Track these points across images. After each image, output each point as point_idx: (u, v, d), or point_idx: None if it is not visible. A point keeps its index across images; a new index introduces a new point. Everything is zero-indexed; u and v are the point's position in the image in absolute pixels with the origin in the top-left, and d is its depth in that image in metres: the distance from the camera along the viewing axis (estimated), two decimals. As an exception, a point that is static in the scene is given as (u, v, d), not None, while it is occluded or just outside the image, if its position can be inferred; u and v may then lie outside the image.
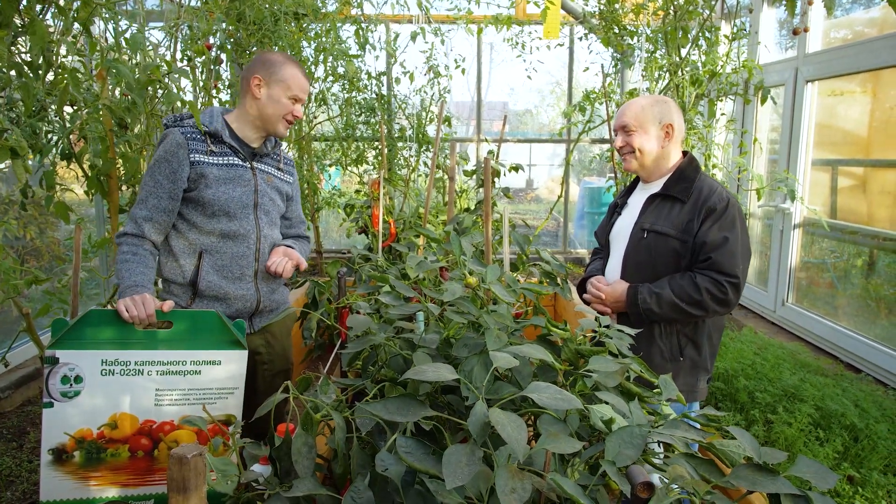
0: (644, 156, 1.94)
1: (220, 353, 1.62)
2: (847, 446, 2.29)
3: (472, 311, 1.55)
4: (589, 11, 4.87)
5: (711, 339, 1.94)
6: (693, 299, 1.80)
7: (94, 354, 1.53)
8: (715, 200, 1.84)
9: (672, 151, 1.96)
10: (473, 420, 1.02)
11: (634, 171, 2.00)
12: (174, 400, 1.58)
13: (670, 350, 1.90)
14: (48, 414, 1.49)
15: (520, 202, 12.63)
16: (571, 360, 1.54)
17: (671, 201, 1.91)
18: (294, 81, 1.85)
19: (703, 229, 1.83)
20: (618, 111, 2.02)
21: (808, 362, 2.96)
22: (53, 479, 1.50)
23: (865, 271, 3.65)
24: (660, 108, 1.93)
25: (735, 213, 1.84)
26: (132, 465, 1.55)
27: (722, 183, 3.75)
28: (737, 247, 1.81)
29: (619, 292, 1.94)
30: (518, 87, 6.78)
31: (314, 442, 1.28)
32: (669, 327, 1.89)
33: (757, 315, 4.37)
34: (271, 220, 1.96)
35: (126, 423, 1.54)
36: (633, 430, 1.14)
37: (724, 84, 3.58)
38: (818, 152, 4.01)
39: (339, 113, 5.18)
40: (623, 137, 1.96)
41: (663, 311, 1.82)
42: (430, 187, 3.52)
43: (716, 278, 1.79)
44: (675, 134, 1.94)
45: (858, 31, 4.03)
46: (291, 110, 1.87)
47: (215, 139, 1.85)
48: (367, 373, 1.65)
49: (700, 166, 1.99)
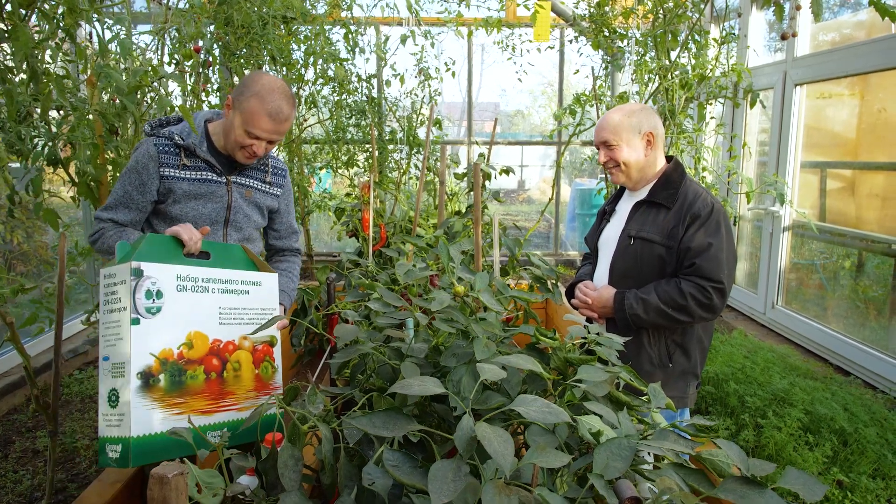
0: (629, 168, 1.93)
1: (260, 274, 1.63)
2: (836, 451, 2.29)
3: (460, 319, 1.54)
4: (579, 14, 4.87)
5: (702, 343, 1.93)
6: (679, 305, 1.79)
7: (170, 269, 1.46)
8: (699, 206, 1.84)
9: (656, 158, 1.95)
10: (460, 435, 1.01)
11: (622, 183, 2.00)
12: (233, 319, 1.57)
13: (659, 357, 1.89)
14: (136, 332, 1.39)
15: (512, 203, 12.64)
16: (561, 369, 1.53)
17: (657, 208, 1.92)
18: (251, 118, 1.68)
19: (687, 235, 1.84)
20: (596, 126, 2.00)
21: (797, 365, 2.97)
22: (143, 409, 1.38)
23: (854, 273, 3.67)
24: (637, 117, 1.92)
25: (720, 219, 1.84)
26: (208, 389, 1.50)
27: (711, 187, 3.76)
28: (721, 252, 1.81)
29: (605, 298, 1.93)
30: (510, 88, 6.80)
31: (301, 454, 1.27)
32: (658, 334, 1.89)
33: (747, 317, 4.39)
34: (244, 237, 1.90)
35: (200, 342, 1.50)
36: (621, 442, 1.13)
37: (713, 87, 3.59)
38: (807, 155, 4.03)
39: (328, 116, 5.16)
40: (605, 153, 1.95)
41: (650, 318, 1.82)
42: (421, 191, 3.52)
43: (701, 284, 1.79)
44: (657, 140, 1.93)
45: (847, 34, 4.05)
46: (248, 144, 1.72)
47: (189, 153, 1.78)
48: (357, 381, 1.64)
49: (685, 171, 1.98)
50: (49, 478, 2.17)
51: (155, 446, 1.38)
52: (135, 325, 1.39)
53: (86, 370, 3.42)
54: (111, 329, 1.43)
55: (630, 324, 1.86)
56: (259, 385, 1.61)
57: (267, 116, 1.68)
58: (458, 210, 5.39)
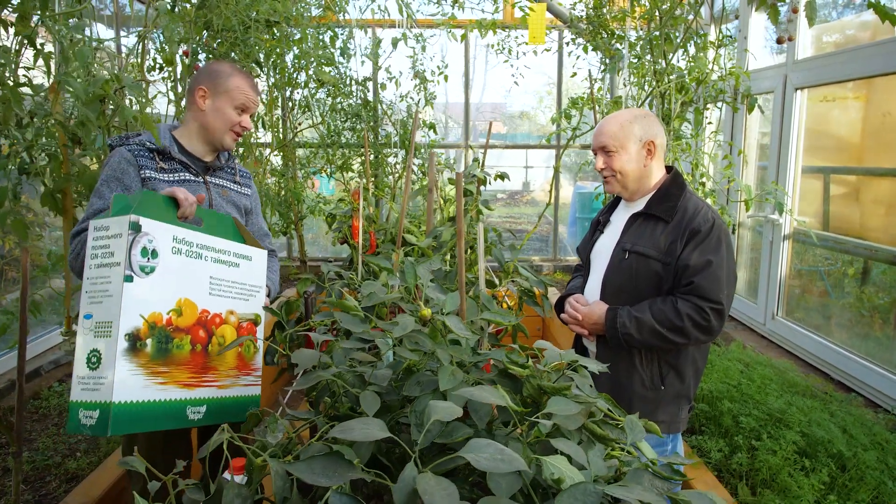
0: (626, 177, 1.83)
1: (251, 249, 1.57)
2: (834, 476, 2.19)
3: (426, 345, 1.45)
4: (576, 16, 4.77)
5: (696, 365, 1.84)
6: (674, 325, 1.70)
7: (168, 229, 1.38)
8: (699, 221, 1.74)
9: (655, 169, 1.86)
10: (400, 487, 0.93)
11: (617, 193, 1.91)
12: (222, 291, 1.50)
13: (651, 379, 1.80)
14: (128, 289, 1.30)
15: (515, 205, 12.54)
16: (535, 397, 1.44)
17: (654, 221, 1.82)
18: (239, 92, 1.77)
19: (685, 252, 1.74)
20: (595, 130, 1.89)
21: (796, 382, 2.86)
22: (128, 373, 1.30)
23: (857, 284, 3.55)
24: (639, 124, 1.82)
25: (720, 235, 1.75)
26: (192, 361, 1.42)
27: (710, 193, 3.65)
28: (721, 271, 1.71)
29: (597, 314, 1.83)
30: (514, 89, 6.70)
31: (249, 492, 1.18)
32: (650, 354, 1.80)
33: (747, 328, 4.27)
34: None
35: (189, 310, 1.42)
36: (586, 488, 1.04)
37: (711, 91, 3.48)
38: (809, 160, 3.91)
39: (321, 120, 5.08)
40: (603, 159, 1.86)
41: (643, 337, 1.72)
42: (406, 197, 3.42)
43: (699, 304, 1.69)
44: (658, 151, 1.84)
45: (850, 35, 3.93)
46: (238, 121, 1.80)
47: (164, 156, 1.77)
48: (328, 405, 1.56)
49: (685, 183, 1.88)
50: (13, 501, 2.10)
51: (135, 415, 1.28)
52: (128, 282, 1.30)
53: (66, 382, 3.35)
54: (98, 285, 1.33)
55: (622, 343, 1.76)
56: (241, 364, 1.55)
57: (249, 85, 1.80)
58: (452, 216, 5.30)
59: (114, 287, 1.31)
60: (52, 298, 3.29)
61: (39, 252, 3.76)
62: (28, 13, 1.60)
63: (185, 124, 1.84)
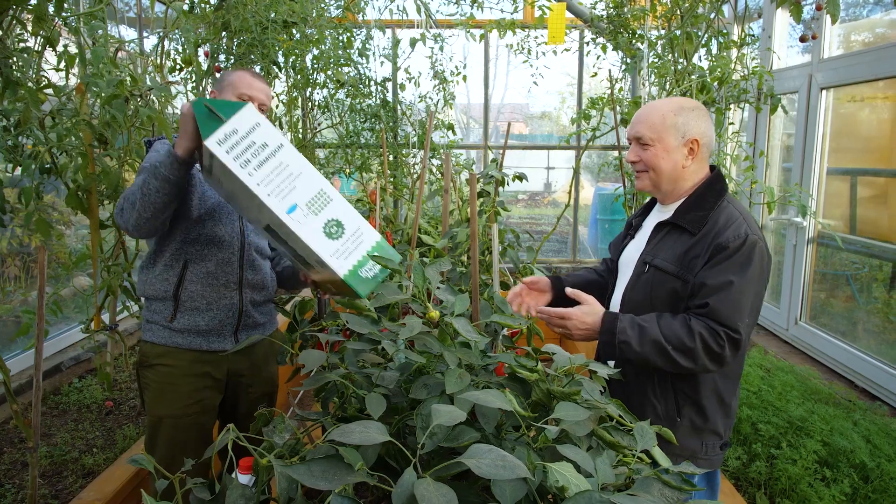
0: (660, 176, 1.61)
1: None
2: (856, 487, 2.12)
3: (434, 347, 1.44)
4: (597, 15, 4.72)
5: (721, 399, 1.60)
6: (683, 345, 1.47)
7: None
8: (729, 236, 1.50)
9: (695, 171, 1.62)
10: (399, 492, 0.91)
11: (647, 190, 1.67)
12: None
13: (666, 409, 1.61)
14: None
15: (536, 206, 12.48)
16: (544, 402, 1.41)
17: (679, 231, 1.59)
18: (241, 81, 1.79)
19: (706, 267, 1.51)
20: (634, 116, 1.65)
21: (818, 389, 2.79)
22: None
23: (886, 289, 3.46)
24: (685, 117, 1.58)
25: (752, 255, 1.50)
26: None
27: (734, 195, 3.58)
28: (744, 297, 1.48)
29: (592, 315, 1.56)
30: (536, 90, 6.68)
31: (253, 493, 1.18)
32: (665, 385, 1.60)
33: (769, 333, 4.19)
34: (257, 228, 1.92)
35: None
36: (591, 496, 1.01)
37: (733, 91, 3.42)
38: (835, 161, 3.82)
39: (339, 120, 5.10)
40: (636, 151, 1.63)
41: (643, 350, 1.49)
42: (420, 198, 3.41)
43: (713, 327, 1.46)
44: (701, 150, 1.60)
45: (880, 34, 3.83)
46: None
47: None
48: (336, 405, 1.56)
49: (725, 189, 1.61)
50: (30, 495, 2.13)
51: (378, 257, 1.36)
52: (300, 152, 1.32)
53: (86, 378, 3.40)
54: (277, 176, 1.32)
55: (615, 352, 1.52)
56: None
57: (250, 76, 1.80)
58: (469, 217, 5.27)
59: (295, 164, 1.31)
60: (75, 296, 3.35)
61: (64, 250, 3.84)
62: (44, 13, 1.62)
63: None
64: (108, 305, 2.67)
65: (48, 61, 2.09)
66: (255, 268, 1.91)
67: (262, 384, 2.01)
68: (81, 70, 2.10)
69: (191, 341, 1.79)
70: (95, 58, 1.73)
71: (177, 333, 1.79)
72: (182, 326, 1.79)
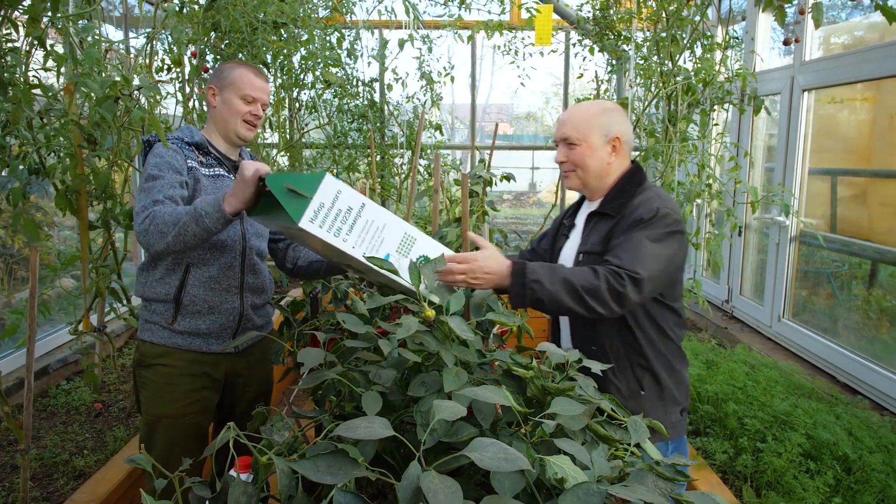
0: (587, 173, 1.72)
1: None
2: (839, 479, 2.18)
3: (430, 346, 1.46)
4: (583, 17, 4.77)
5: (670, 366, 1.71)
6: (590, 283, 1.52)
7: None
8: (642, 211, 1.62)
9: (618, 166, 1.74)
10: (405, 485, 0.93)
11: (577, 188, 1.79)
12: None
13: (628, 387, 1.69)
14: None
15: (521, 206, 12.53)
16: (539, 398, 1.44)
17: (606, 218, 1.70)
18: (243, 80, 1.80)
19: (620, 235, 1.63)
20: (559, 119, 1.77)
21: (802, 384, 2.85)
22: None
23: (865, 286, 3.54)
24: (607, 118, 1.71)
25: (660, 221, 1.60)
26: None
27: (717, 195, 3.64)
28: (646, 249, 1.56)
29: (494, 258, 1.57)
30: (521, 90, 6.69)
31: (254, 490, 1.19)
32: (623, 363, 1.69)
33: (753, 330, 4.26)
34: (257, 231, 1.93)
35: None
36: (589, 488, 1.04)
37: (718, 93, 3.48)
38: (816, 162, 3.90)
39: (327, 121, 5.10)
40: (564, 151, 1.73)
41: (554, 289, 1.52)
42: (411, 198, 3.43)
43: (615, 270, 1.53)
44: (623, 147, 1.73)
45: (859, 36, 3.92)
46: (248, 111, 1.82)
47: (201, 150, 1.83)
48: (333, 404, 1.57)
49: (645, 178, 1.75)
50: (21, 497, 2.12)
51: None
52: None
53: (74, 380, 3.37)
54: (368, 233, 1.43)
55: (526, 293, 1.54)
56: None
57: (253, 74, 1.82)
58: (458, 217, 5.30)
59: (379, 218, 1.42)
60: (60, 297, 3.32)
61: (48, 251, 3.80)
62: (39, 15, 1.62)
63: (207, 126, 1.90)
64: (96, 307, 2.66)
65: (38, 61, 2.08)
66: (256, 272, 1.91)
67: (258, 383, 2.02)
68: (70, 70, 2.10)
69: (190, 342, 1.80)
70: (88, 58, 1.73)
71: (177, 334, 1.79)
72: (182, 329, 1.79)
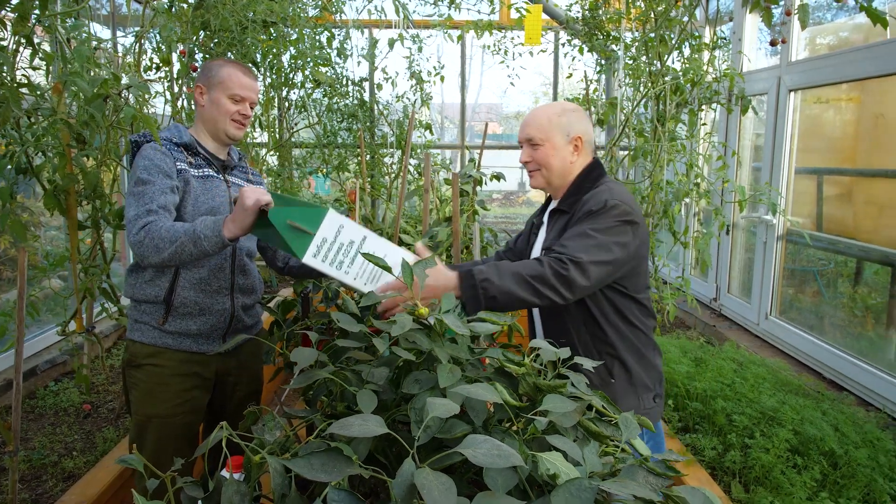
0: (551, 172, 1.76)
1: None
2: (826, 474, 2.21)
3: (423, 343, 1.46)
4: (572, 17, 4.79)
5: (640, 352, 1.73)
6: (536, 271, 1.55)
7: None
8: (591, 204, 1.65)
9: (579, 165, 1.79)
10: (399, 482, 0.94)
11: (542, 187, 1.83)
12: None
13: (598, 375, 1.71)
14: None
15: (511, 205, 12.57)
16: (531, 395, 1.45)
17: (564, 215, 1.75)
18: (231, 79, 1.78)
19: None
20: (523, 121, 1.82)
21: (789, 381, 2.89)
22: None
23: (850, 284, 3.59)
24: (568, 118, 1.75)
25: (608, 212, 1.62)
26: None
27: (705, 194, 3.67)
28: (591, 240, 1.60)
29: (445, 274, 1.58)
30: (511, 90, 6.70)
31: (248, 489, 1.19)
32: (588, 352, 1.71)
33: (741, 328, 4.30)
34: None
35: None
36: (581, 483, 1.05)
37: (706, 93, 3.51)
38: (803, 161, 3.94)
39: (316, 120, 5.09)
40: (528, 152, 1.78)
41: (504, 282, 1.55)
42: (402, 198, 3.43)
43: (558, 257, 1.58)
44: (584, 146, 1.77)
45: (844, 37, 3.97)
46: (236, 110, 1.81)
47: (190, 150, 1.82)
48: (325, 404, 1.57)
49: (602, 174, 1.78)
50: (10, 500, 2.10)
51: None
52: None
53: (62, 381, 3.35)
54: (369, 264, 1.44)
55: (479, 295, 1.56)
56: None
57: (241, 72, 1.81)
58: (448, 217, 5.31)
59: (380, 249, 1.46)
60: (48, 298, 3.29)
61: (35, 252, 3.77)
62: (27, 13, 1.61)
63: (195, 125, 1.88)
64: (86, 307, 2.64)
65: (25, 60, 2.06)
66: (246, 272, 1.91)
67: (248, 383, 2.02)
68: (59, 69, 2.08)
69: (181, 342, 1.79)
70: (78, 56, 1.71)
71: (167, 335, 1.78)
72: (173, 329, 1.78)
